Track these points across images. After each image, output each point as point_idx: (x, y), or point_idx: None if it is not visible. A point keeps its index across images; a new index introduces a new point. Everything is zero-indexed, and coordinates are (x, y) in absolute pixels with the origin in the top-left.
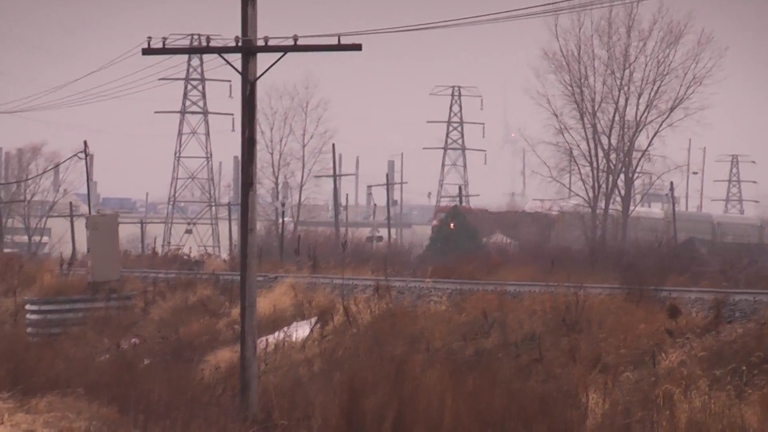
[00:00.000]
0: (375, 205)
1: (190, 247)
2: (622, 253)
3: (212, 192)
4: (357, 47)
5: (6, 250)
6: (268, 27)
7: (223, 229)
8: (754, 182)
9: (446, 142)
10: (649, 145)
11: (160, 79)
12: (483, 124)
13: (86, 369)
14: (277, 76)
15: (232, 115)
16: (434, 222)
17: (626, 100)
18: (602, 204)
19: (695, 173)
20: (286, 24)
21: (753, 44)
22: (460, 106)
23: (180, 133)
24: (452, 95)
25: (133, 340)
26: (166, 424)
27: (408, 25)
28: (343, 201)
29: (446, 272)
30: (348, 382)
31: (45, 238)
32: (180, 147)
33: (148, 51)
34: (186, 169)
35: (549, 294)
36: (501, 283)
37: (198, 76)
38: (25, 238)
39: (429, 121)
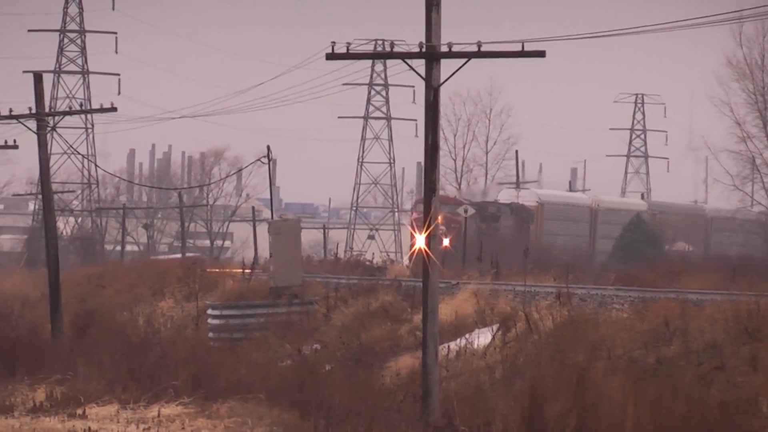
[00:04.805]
0: None
1: (373, 253)
2: None
3: (395, 198)
4: (541, 54)
5: (188, 254)
6: (450, 33)
7: (405, 235)
8: None
9: (629, 149)
10: None
11: (343, 84)
12: (666, 131)
13: (268, 374)
14: (460, 82)
15: (415, 120)
16: (414, 216)
17: None
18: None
19: None
20: (466, 30)
21: None
22: (644, 114)
23: (363, 139)
24: (635, 103)
25: (315, 345)
26: (347, 430)
27: (591, 32)
28: None
29: (628, 279)
30: (529, 389)
31: (227, 243)
32: (363, 152)
33: (332, 56)
34: (369, 174)
35: (731, 302)
36: (682, 291)
37: (381, 81)
38: (207, 242)
39: (612, 128)
